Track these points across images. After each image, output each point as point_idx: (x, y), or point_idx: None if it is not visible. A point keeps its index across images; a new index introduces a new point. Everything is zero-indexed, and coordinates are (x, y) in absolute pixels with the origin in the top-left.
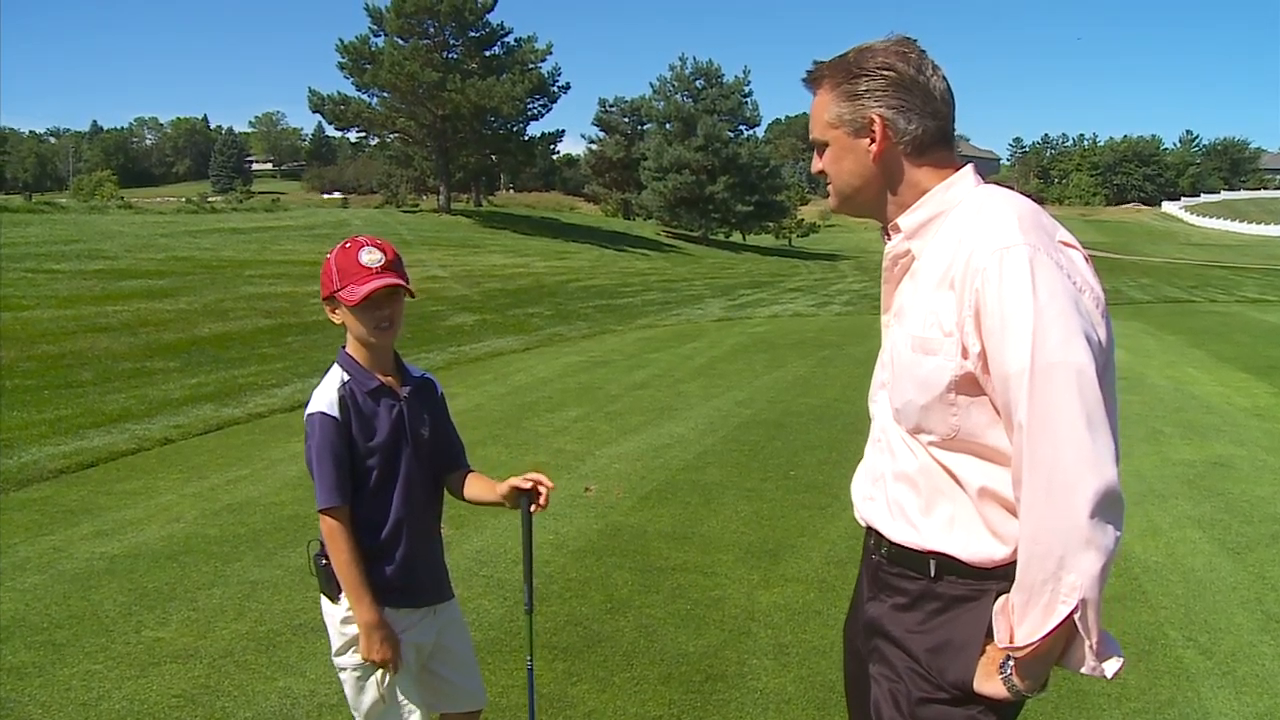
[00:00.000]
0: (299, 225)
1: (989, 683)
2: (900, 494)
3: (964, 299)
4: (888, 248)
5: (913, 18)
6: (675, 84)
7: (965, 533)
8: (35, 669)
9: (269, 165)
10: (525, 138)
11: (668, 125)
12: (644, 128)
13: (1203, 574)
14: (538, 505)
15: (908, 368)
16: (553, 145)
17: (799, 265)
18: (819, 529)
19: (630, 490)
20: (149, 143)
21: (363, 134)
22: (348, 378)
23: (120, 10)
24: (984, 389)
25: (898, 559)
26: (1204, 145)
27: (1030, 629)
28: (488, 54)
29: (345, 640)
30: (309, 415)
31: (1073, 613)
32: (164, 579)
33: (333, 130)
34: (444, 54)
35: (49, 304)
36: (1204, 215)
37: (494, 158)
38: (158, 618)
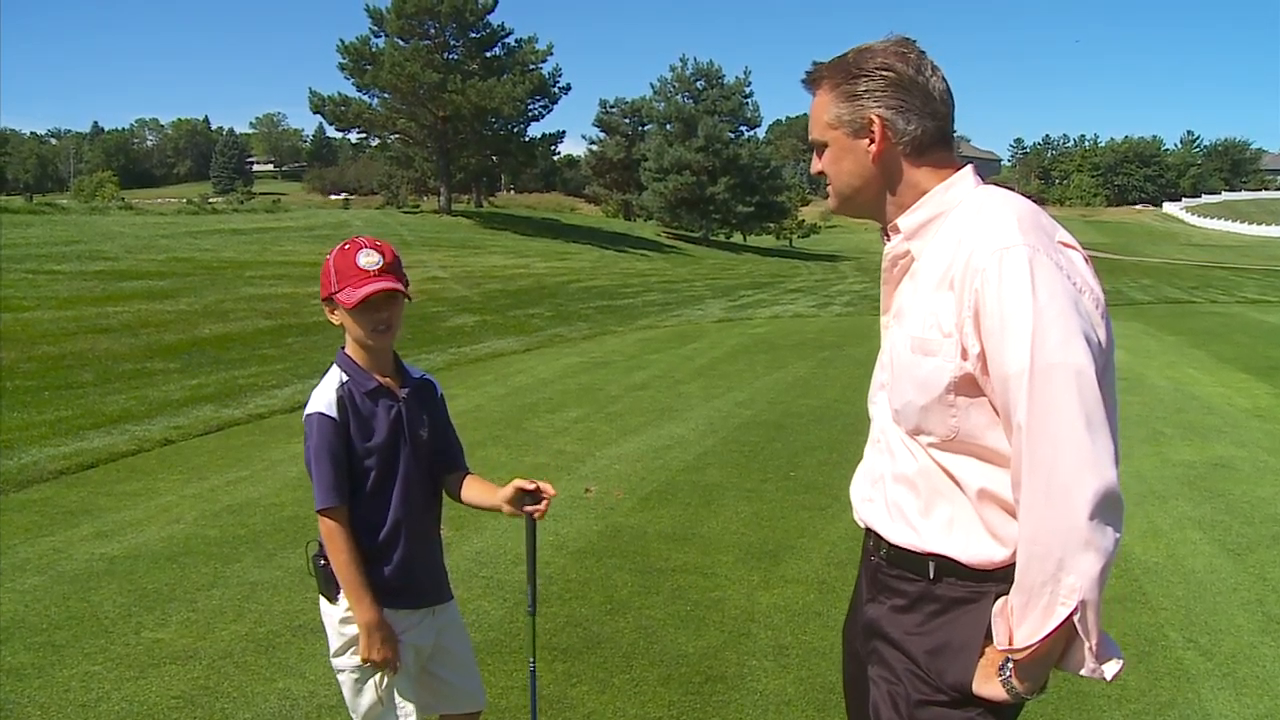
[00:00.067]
0: (299, 226)
1: (988, 685)
2: (899, 495)
3: (963, 300)
4: (887, 248)
5: (913, 18)
6: (676, 85)
7: (964, 534)
8: (34, 670)
9: (270, 166)
10: (526, 139)
11: (668, 126)
12: (645, 129)
13: (1203, 575)
14: (538, 512)
15: (907, 369)
16: (553, 146)
17: (800, 266)
18: (819, 530)
19: (630, 491)
20: (150, 144)
21: (363, 135)
22: (346, 378)
23: (121, 11)
24: (983, 390)
25: (897, 561)
26: (1205, 146)
27: (1029, 631)
28: (488, 55)
29: (344, 641)
30: (307, 416)
31: (1072, 614)
32: (164, 580)
33: (333, 131)
34: (445, 55)
35: (49, 305)
36: (1205, 216)
37: (495, 159)
38: (157, 619)
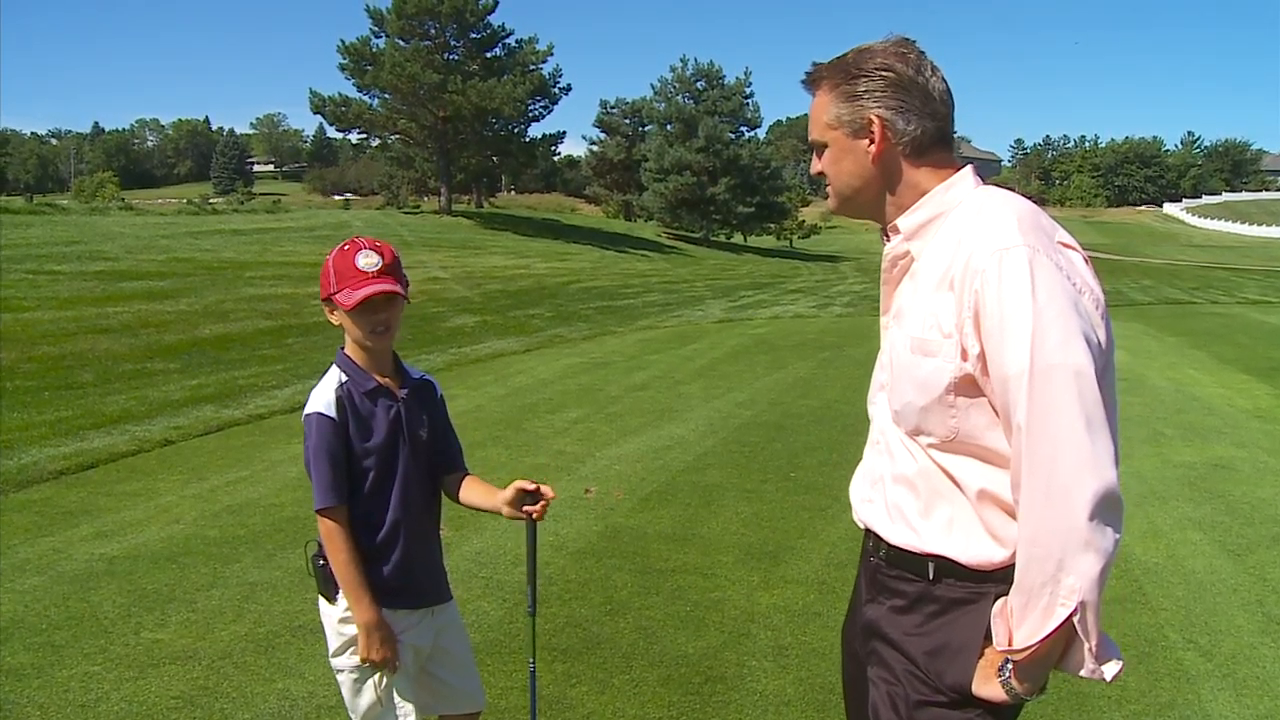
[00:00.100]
0: (300, 226)
1: (987, 685)
2: (899, 496)
3: (963, 300)
4: (887, 249)
5: (913, 19)
6: (676, 85)
7: (964, 535)
8: (34, 670)
9: (270, 167)
10: (526, 139)
11: (669, 126)
12: (645, 129)
13: (1203, 576)
14: (536, 513)
15: (907, 369)
16: (554, 147)
17: (800, 267)
18: (819, 531)
19: (630, 492)
20: (150, 144)
21: (364, 135)
22: (345, 378)
23: (121, 12)
24: (983, 391)
25: (896, 561)
26: (1205, 147)
27: (1029, 632)
28: (489, 55)
29: (343, 641)
30: (306, 415)
31: (1072, 615)
32: (163, 580)
33: (334, 132)
34: (445, 55)
35: (49, 305)
36: (1205, 217)
37: (495, 159)
38: (157, 619)
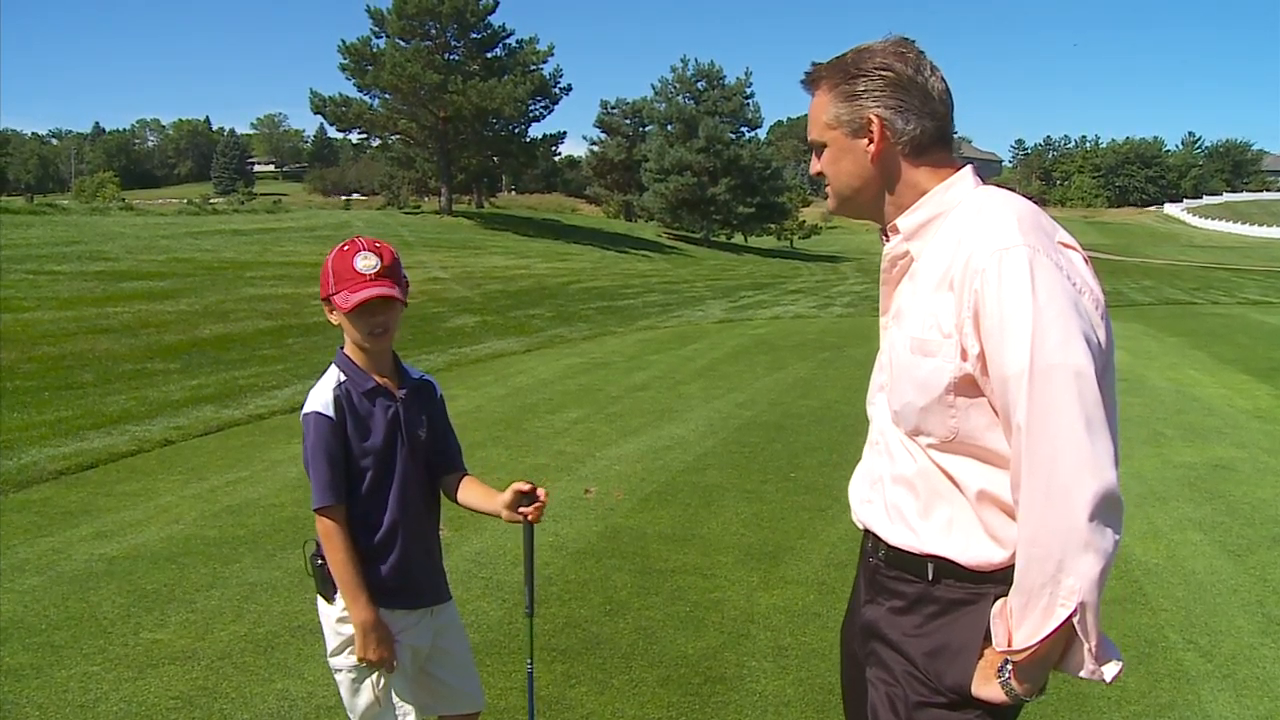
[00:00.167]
0: (300, 227)
1: (987, 686)
2: (898, 497)
3: (963, 300)
4: (886, 249)
5: (913, 19)
6: (677, 85)
7: (963, 536)
8: (33, 671)
9: (271, 167)
10: (527, 139)
11: (669, 127)
12: (645, 129)
13: (1203, 576)
14: (532, 515)
15: (906, 369)
16: (554, 147)
17: (800, 267)
18: (819, 531)
19: (630, 492)
20: (151, 144)
21: (364, 136)
22: (344, 378)
23: (122, 12)
24: (983, 391)
25: (895, 562)
26: (1206, 147)
27: (1029, 632)
28: (489, 55)
29: (341, 641)
30: (305, 415)
31: (1071, 616)
32: (163, 581)
33: (334, 132)
34: (445, 55)
35: (50, 305)
36: (1206, 217)
37: (495, 159)
38: (156, 619)
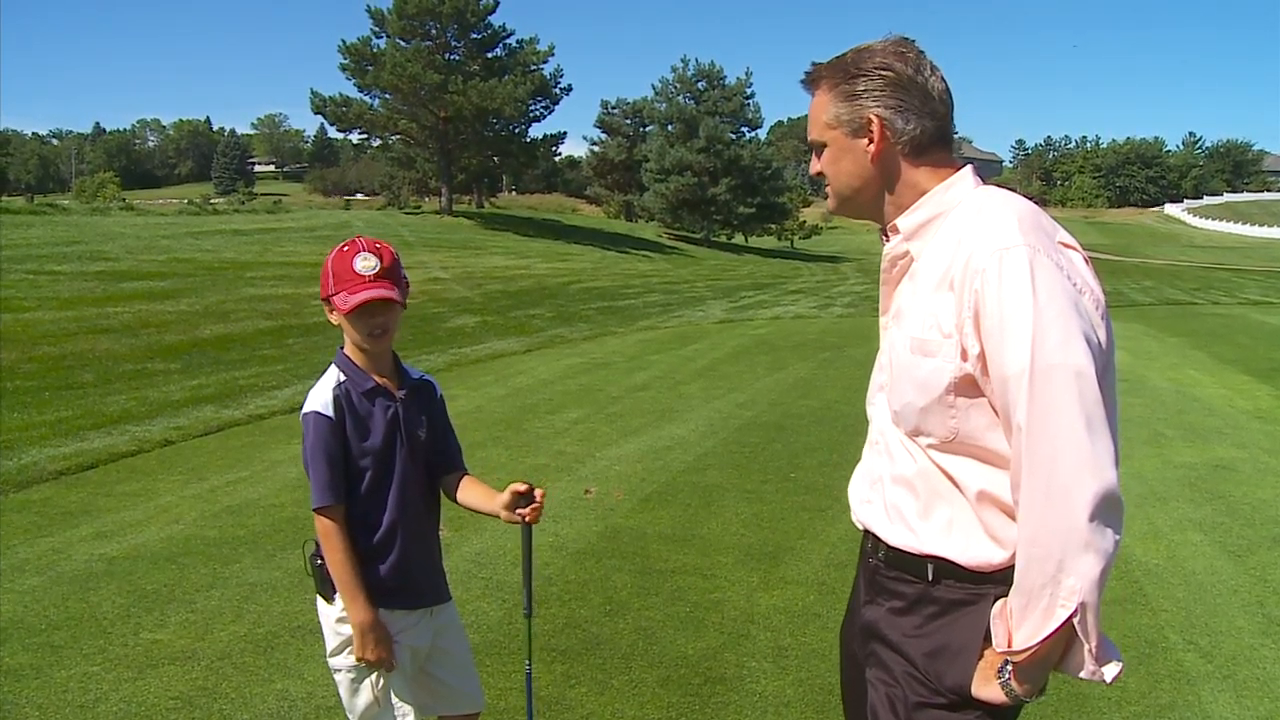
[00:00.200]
0: (300, 227)
1: (987, 687)
2: (898, 497)
3: (963, 300)
4: (886, 249)
5: (913, 19)
6: (677, 86)
7: (963, 536)
8: (32, 671)
9: (271, 167)
10: (527, 139)
11: (669, 127)
12: (646, 129)
13: (1204, 577)
14: (529, 516)
15: (906, 369)
16: (555, 147)
17: (801, 267)
18: (819, 531)
19: (630, 492)
20: (151, 144)
21: (365, 136)
22: (344, 378)
23: (123, 12)
24: (983, 391)
25: (895, 563)
26: (1207, 147)
27: (1029, 633)
28: (490, 56)
29: (340, 641)
30: (304, 414)
31: (1072, 616)
32: (162, 581)
33: (335, 132)
34: (446, 55)
35: (50, 305)
36: (1206, 217)
37: (496, 159)
38: (156, 619)
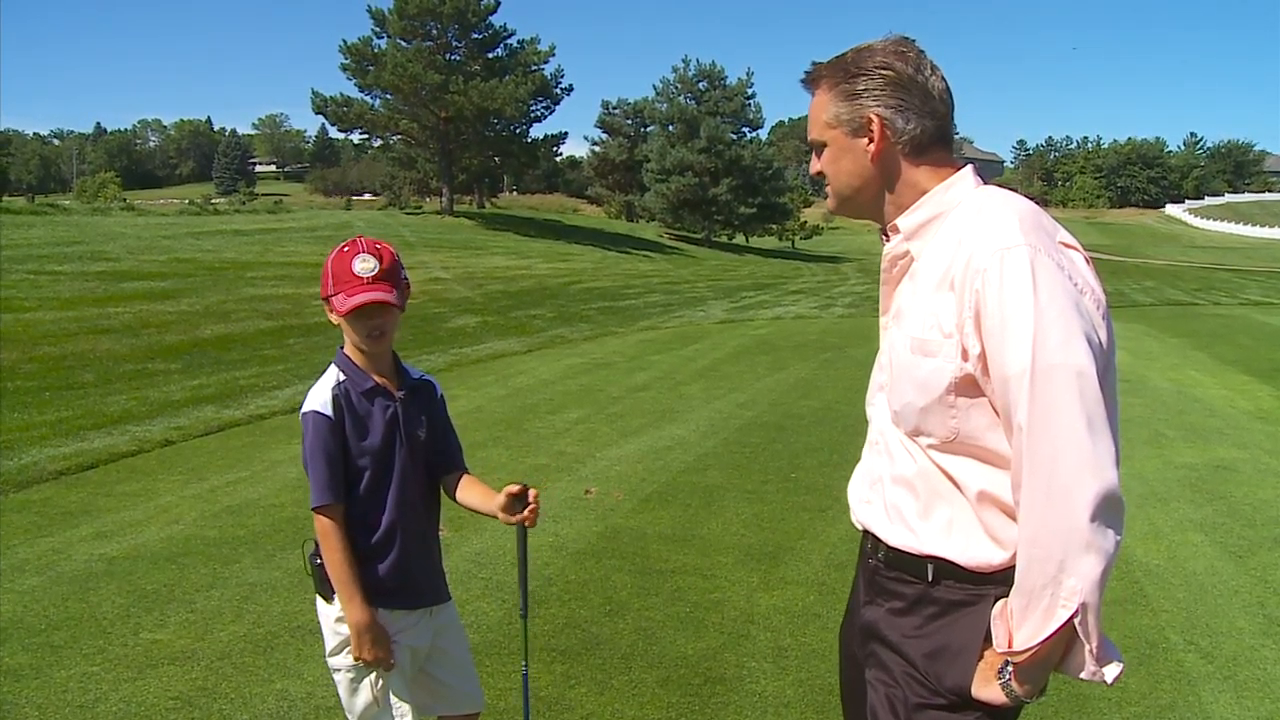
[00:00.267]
0: (301, 227)
1: (987, 688)
2: (898, 497)
3: (964, 300)
4: (886, 249)
5: (914, 19)
6: (678, 86)
7: (963, 537)
8: (32, 671)
9: (272, 167)
10: (528, 140)
11: (670, 127)
12: (647, 130)
13: (1204, 577)
14: (528, 520)
15: (906, 369)
16: (556, 147)
17: (802, 267)
18: (819, 532)
19: (631, 492)
20: (152, 145)
21: (366, 136)
22: (343, 378)
23: (124, 12)
24: (983, 391)
25: (895, 563)
26: (1208, 148)
27: (1029, 633)
28: (491, 56)
29: (339, 640)
30: (303, 414)
31: (1072, 617)
32: (162, 581)
33: (336, 132)
34: (447, 56)
35: (51, 305)
36: (1207, 218)
37: (497, 160)
38: (156, 620)
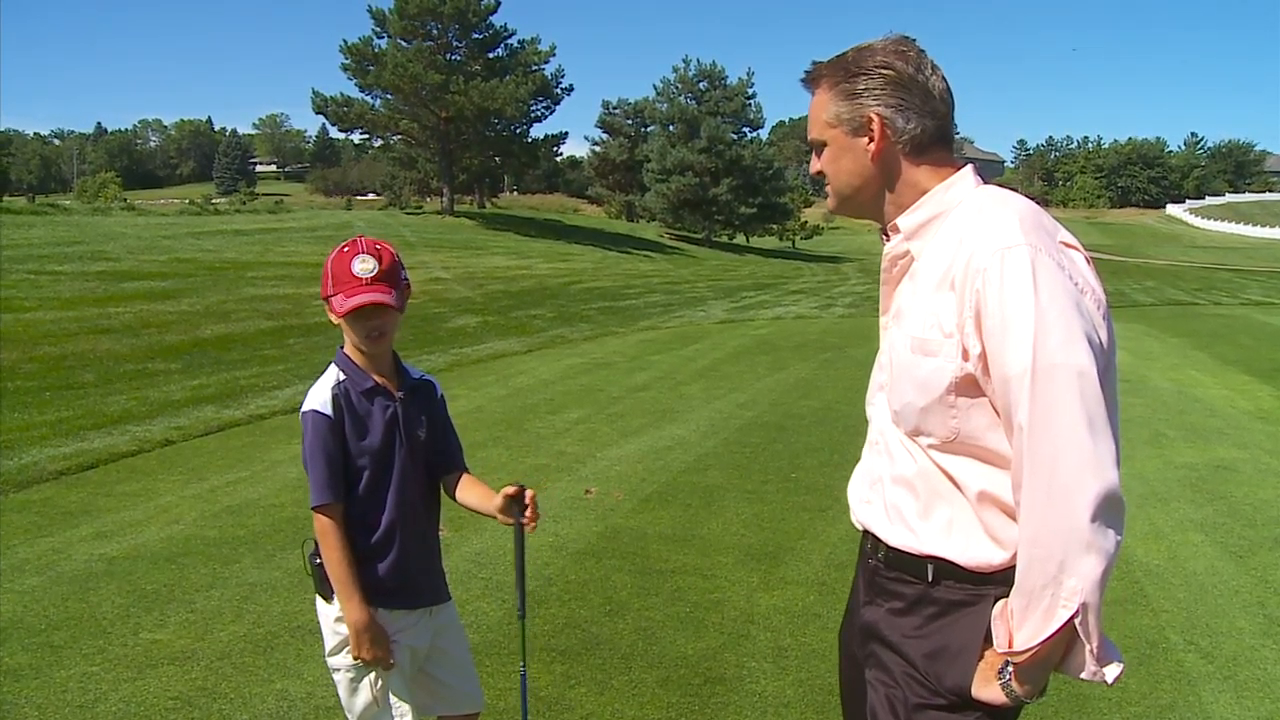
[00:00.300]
0: (302, 227)
1: (987, 688)
2: (898, 497)
3: (964, 300)
4: (886, 248)
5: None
6: (678, 86)
7: (963, 537)
8: (32, 671)
9: (273, 167)
10: (528, 140)
11: (671, 127)
12: (647, 130)
13: (1204, 577)
14: (528, 523)
15: (907, 369)
16: (556, 147)
17: (802, 267)
18: (819, 532)
19: (631, 492)
20: (153, 144)
21: (366, 136)
22: (343, 377)
23: (124, 12)
24: (984, 391)
25: (895, 563)
26: (1209, 148)
27: (1030, 633)
28: (491, 56)
29: (339, 640)
30: (303, 413)
31: (1073, 617)
32: (162, 581)
33: (336, 132)
34: (447, 56)
35: (51, 305)
36: (1208, 218)
37: (497, 160)
38: (155, 620)
